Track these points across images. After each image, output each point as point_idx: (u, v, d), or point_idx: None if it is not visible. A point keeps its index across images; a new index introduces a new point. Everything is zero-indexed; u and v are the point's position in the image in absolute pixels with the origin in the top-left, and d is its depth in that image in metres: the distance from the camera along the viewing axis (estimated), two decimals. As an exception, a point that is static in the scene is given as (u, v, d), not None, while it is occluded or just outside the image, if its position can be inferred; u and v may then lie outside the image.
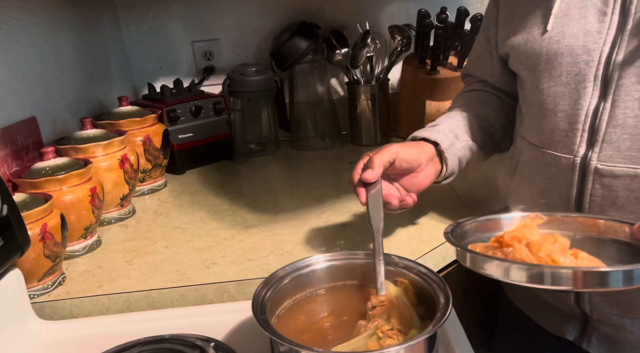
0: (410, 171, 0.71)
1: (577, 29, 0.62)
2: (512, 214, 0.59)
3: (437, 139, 0.73)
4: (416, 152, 0.71)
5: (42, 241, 0.68)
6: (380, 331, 0.52)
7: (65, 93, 1.06)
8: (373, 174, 0.64)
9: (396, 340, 0.51)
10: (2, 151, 0.81)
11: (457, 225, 0.57)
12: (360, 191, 0.65)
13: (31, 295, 0.68)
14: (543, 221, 0.55)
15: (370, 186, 0.65)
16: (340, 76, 1.43)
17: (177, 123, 1.17)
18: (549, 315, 0.74)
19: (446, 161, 0.73)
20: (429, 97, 1.23)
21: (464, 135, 0.77)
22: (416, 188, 0.71)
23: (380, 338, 0.52)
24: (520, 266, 0.45)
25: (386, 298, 0.56)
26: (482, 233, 0.58)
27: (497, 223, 0.59)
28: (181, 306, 0.71)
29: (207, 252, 0.80)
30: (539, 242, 0.48)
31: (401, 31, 1.26)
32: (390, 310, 0.55)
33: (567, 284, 0.43)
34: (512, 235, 0.50)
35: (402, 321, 0.54)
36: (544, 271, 0.44)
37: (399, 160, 0.68)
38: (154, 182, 1.09)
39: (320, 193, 1.01)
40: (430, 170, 0.73)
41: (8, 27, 0.89)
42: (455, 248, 0.51)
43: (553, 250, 0.46)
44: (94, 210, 0.81)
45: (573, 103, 0.63)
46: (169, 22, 1.36)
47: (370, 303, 0.57)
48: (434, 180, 0.74)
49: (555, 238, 0.49)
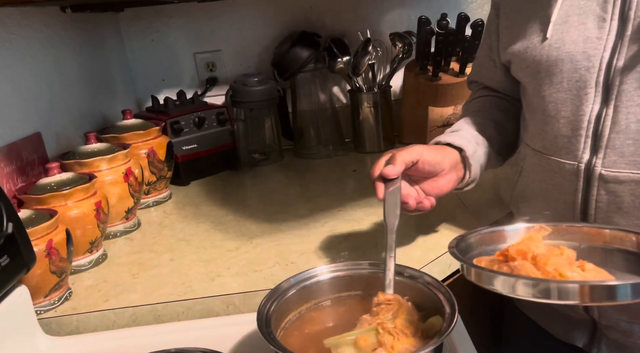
0: (433, 174, 0.70)
1: (576, 35, 0.62)
2: (516, 226, 0.58)
3: (462, 146, 0.72)
4: (441, 156, 0.70)
5: (47, 257, 0.68)
6: (381, 327, 0.51)
7: (69, 108, 1.07)
8: (394, 170, 0.64)
9: (396, 338, 0.50)
10: (8, 168, 0.81)
11: (461, 238, 0.57)
12: (378, 186, 0.64)
13: (38, 311, 0.69)
14: (548, 232, 0.54)
15: (390, 183, 0.64)
16: (342, 84, 1.43)
17: (181, 135, 1.17)
18: (557, 322, 0.73)
19: (470, 168, 0.73)
20: (431, 103, 1.23)
21: (484, 141, 0.76)
22: (436, 193, 0.70)
23: (379, 334, 0.51)
24: (526, 282, 0.44)
25: (394, 298, 0.56)
26: (487, 245, 0.58)
27: (502, 235, 0.58)
28: (187, 319, 0.71)
29: (212, 264, 0.80)
30: (546, 255, 0.47)
31: (402, 38, 1.26)
32: (397, 310, 0.54)
33: (574, 299, 0.43)
34: (517, 248, 0.49)
35: (407, 324, 0.53)
36: (550, 287, 0.43)
37: (423, 162, 0.67)
38: (159, 194, 1.09)
39: (324, 202, 1.01)
40: (452, 176, 0.72)
41: (11, 44, 0.90)
42: (460, 264, 0.51)
43: (560, 264, 0.46)
44: (99, 224, 0.82)
45: (575, 109, 0.62)
46: (170, 34, 1.37)
47: (377, 299, 0.56)
48: (455, 186, 0.73)
49: (562, 250, 0.49)
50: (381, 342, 0.51)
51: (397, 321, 0.53)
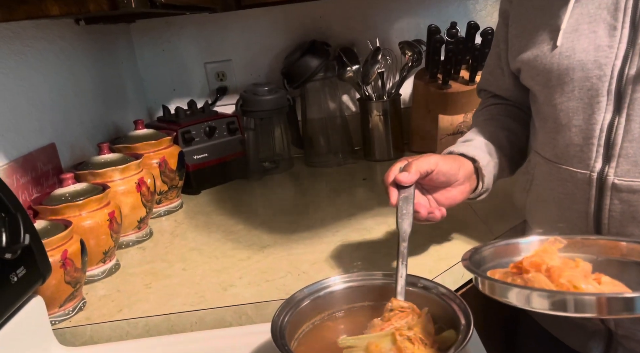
0: (447, 185, 0.70)
1: (587, 44, 0.61)
2: (530, 238, 0.58)
3: (476, 156, 0.72)
4: (456, 167, 0.69)
5: (62, 268, 0.69)
6: (399, 333, 0.51)
7: (82, 119, 1.08)
8: (408, 177, 0.64)
9: (416, 347, 0.50)
10: (23, 178, 0.82)
11: (475, 251, 0.56)
12: (392, 191, 0.64)
13: (52, 321, 0.69)
14: (563, 245, 0.53)
15: (403, 190, 0.64)
16: (351, 92, 1.44)
17: (192, 144, 1.18)
18: (572, 332, 0.73)
19: (483, 179, 0.73)
20: (441, 111, 1.23)
21: (497, 151, 0.76)
22: (449, 203, 0.70)
23: (397, 340, 0.50)
24: (541, 294, 0.44)
25: (409, 306, 0.55)
26: (501, 258, 0.57)
27: (516, 248, 0.58)
28: (200, 329, 0.71)
29: (225, 274, 0.81)
30: (560, 267, 0.47)
31: (411, 47, 1.26)
32: (411, 319, 0.54)
33: (591, 311, 0.42)
34: (531, 260, 0.49)
35: (425, 334, 0.52)
36: (566, 299, 0.43)
37: (438, 172, 0.67)
38: (170, 203, 1.10)
39: (335, 210, 1.01)
40: (466, 187, 0.71)
41: (26, 56, 0.92)
42: (474, 276, 0.50)
43: (575, 276, 0.46)
44: (112, 234, 0.82)
45: (587, 118, 0.62)
46: (181, 44, 1.38)
47: (390, 304, 0.55)
48: (467, 197, 0.73)
49: (577, 262, 0.48)
50: (400, 349, 0.50)
51: (415, 329, 0.52)
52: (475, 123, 0.83)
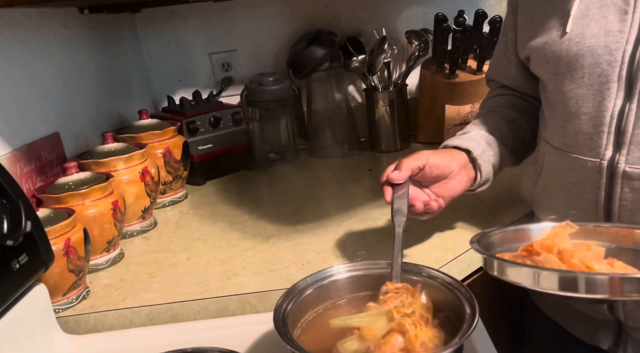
0: (442, 177, 0.70)
1: (597, 29, 0.60)
2: (541, 225, 0.57)
3: (469, 147, 0.73)
4: (447, 159, 0.71)
5: (65, 256, 0.68)
6: (397, 311, 0.50)
7: (86, 108, 1.08)
8: (399, 175, 0.66)
9: (418, 326, 0.49)
10: (27, 167, 0.82)
11: (483, 235, 0.55)
12: (386, 190, 0.67)
13: (56, 309, 0.69)
14: (574, 230, 0.52)
15: (397, 188, 0.67)
16: (357, 83, 1.42)
17: (197, 135, 1.18)
18: (581, 323, 0.72)
19: (480, 168, 0.73)
20: (448, 101, 1.22)
21: (496, 141, 0.76)
22: (449, 195, 0.71)
23: (395, 319, 0.49)
24: (551, 273, 0.43)
25: (402, 285, 0.54)
26: (510, 243, 0.56)
27: (526, 234, 0.57)
28: (203, 318, 0.71)
29: (229, 263, 0.80)
30: (572, 250, 0.46)
31: (418, 36, 1.25)
32: (406, 297, 0.53)
33: (603, 292, 0.41)
34: (542, 243, 0.48)
35: (424, 309, 0.52)
36: (577, 277, 0.41)
37: (429, 166, 0.69)
38: (175, 194, 1.09)
39: (340, 201, 1.01)
40: (463, 177, 0.72)
41: (30, 44, 0.91)
42: (482, 256, 0.49)
43: (587, 256, 0.44)
44: (116, 223, 0.82)
45: (597, 105, 0.61)
46: (186, 34, 1.38)
47: (385, 287, 0.55)
48: (467, 187, 0.73)
49: (589, 246, 0.47)
50: (401, 325, 0.49)
51: (413, 306, 0.51)
52: (478, 115, 0.83)
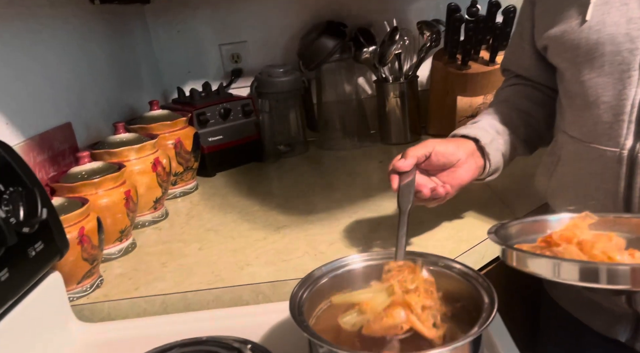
0: (449, 165, 0.70)
1: (618, 16, 0.59)
2: (560, 215, 0.56)
3: (477, 135, 0.72)
4: (454, 147, 0.70)
5: (80, 245, 0.68)
6: (400, 286, 0.49)
7: (98, 99, 1.08)
8: (405, 163, 0.67)
9: (421, 296, 0.49)
10: (40, 157, 0.82)
11: (501, 226, 0.55)
12: (392, 178, 0.67)
13: (70, 297, 0.69)
14: (594, 221, 0.51)
15: (404, 176, 0.67)
16: (368, 74, 1.41)
17: (207, 126, 1.17)
18: (598, 316, 0.71)
19: (488, 157, 0.72)
20: (460, 92, 1.21)
21: (506, 130, 0.76)
22: (457, 183, 0.71)
23: (397, 293, 0.49)
24: (572, 263, 0.42)
25: (404, 263, 0.54)
26: (528, 235, 0.56)
27: (544, 225, 0.56)
28: (216, 307, 0.71)
29: (241, 253, 0.80)
30: (592, 240, 0.45)
31: (430, 27, 1.23)
32: (408, 273, 0.52)
33: (625, 283, 0.40)
34: (561, 233, 0.47)
35: (427, 283, 0.51)
36: (599, 268, 0.41)
37: (436, 154, 0.69)
38: (186, 185, 1.09)
39: (351, 193, 1.00)
40: (471, 165, 0.71)
41: (42, 35, 0.91)
42: (500, 247, 0.49)
43: (609, 247, 0.44)
44: (128, 213, 0.82)
45: (617, 94, 0.60)
46: (196, 26, 1.37)
47: (387, 266, 0.55)
48: (475, 175, 0.73)
49: (610, 236, 0.46)
50: (403, 300, 0.48)
51: (416, 282, 0.51)
52: (490, 104, 0.83)
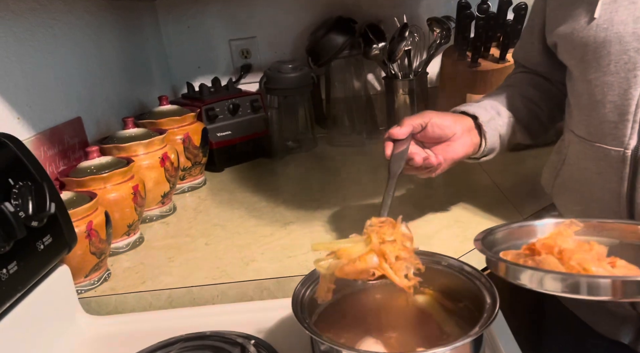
0: (444, 138, 0.71)
1: (626, 15, 0.58)
2: (545, 221, 0.57)
3: (476, 113, 0.73)
4: (451, 120, 0.71)
5: (88, 238, 0.69)
6: (377, 236, 0.49)
7: (108, 93, 1.09)
8: (400, 130, 0.68)
9: (398, 247, 0.49)
10: (50, 151, 0.84)
11: (489, 232, 0.55)
12: (387, 145, 0.69)
13: (78, 290, 0.70)
14: (579, 228, 0.52)
15: (398, 144, 0.68)
16: (377, 71, 1.41)
17: (216, 121, 1.18)
18: (602, 318, 0.70)
19: (485, 135, 0.73)
20: (469, 90, 1.20)
21: (507, 112, 0.76)
22: (451, 157, 0.71)
23: (373, 243, 0.48)
24: (554, 276, 0.43)
25: (386, 219, 0.53)
26: (515, 240, 0.56)
27: (531, 230, 0.56)
28: (221, 303, 0.71)
29: (247, 249, 0.81)
30: (572, 250, 0.45)
31: (440, 23, 1.22)
32: (388, 228, 0.51)
33: (605, 294, 0.41)
34: (544, 242, 0.47)
35: (405, 238, 0.51)
36: (579, 281, 0.42)
37: (432, 125, 0.69)
38: (194, 180, 1.10)
39: (359, 190, 1.00)
40: (467, 141, 0.72)
41: (53, 29, 0.92)
42: (486, 257, 0.49)
43: (585, 259, 0.44)
44: (136, 208, 0.83)
45: (622, 93, 0.59)
46: (206, 21, 1.38)
47: (369, 221, 0.54)
48: (470, 152, 0.73)
49: (591, 245, 0.47)
50: (381, 251, 0.48)
51: (395, 235, 0.51)
52: (497, 87, 0.83)
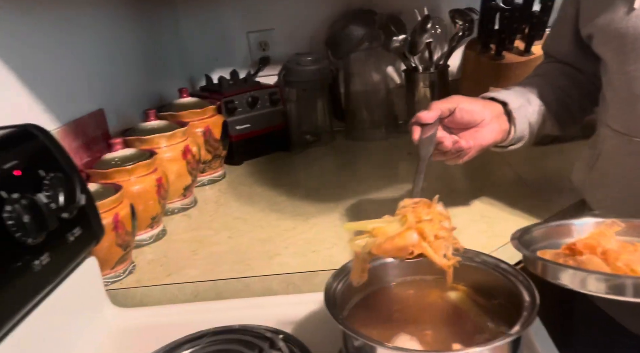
0: (473, 124, 0.69)
1: None
2: (585, 220, 0.55)
3: (506, 99, 0.71)
4: (480, 106, 0.69)
5: (114, 230, 0.69)
6: (414, 215, 0.47)
7: (129, 85, 1.09)
8: (428, 114, 0.66)
9: (437, 226, 0.47)
10: (75, 143, 0.83)
11: (525, 231, 0.54)
12: (415, 129, 0.67)
13: (105, 282, 0.70)
14: (621, 228, 0.50)
15: (426, 129, 0.66)
16: (397, 63, 1.39)
17: (235, 114, 1.17)
18: (633, 316, 0.69)
19: (514, 122, 0.71)
20: (492, 83, 1.18)
21: (538, 101, 0.74)
22: (479, 143, 0.69)
23: (409, 221, 0.46)
24: (599, 277, 0.42)
25: (420, 199, 0.51)
26: (552, 239, 0.54)
27: (569, 229, 0.55)
28: (247, 296, 0.71)
29: (270, 243, 0.80)
30: (617, 251, 0.44)
31: (463, 15, 1.21)
32: (423, 208, 0.49)
33: None
34: (585, 242, 0.46)
35: (443, 217, 0.49)
36: (625, 283, 0.41)
37: (460, 110, 0.68)
38: (214, 173, 1.10)
39: (380, 185, 0.99)
40: (495, 127, 0.70)
41: (80, 20, 0.92)
42: (523, 255, 0.48)
43: (632, 260, 0.43)
44: (160, 200, 0.83)
45: None
46: (224, 13, 1.37)
47: (402, 203, 0.52)
48: (498, 139, 0.71)
49: (636, 246, 0.45)
50: (420, 229, 0.46)
51: (432, 215, 0.48)
52: (527, 77, 0.81)
